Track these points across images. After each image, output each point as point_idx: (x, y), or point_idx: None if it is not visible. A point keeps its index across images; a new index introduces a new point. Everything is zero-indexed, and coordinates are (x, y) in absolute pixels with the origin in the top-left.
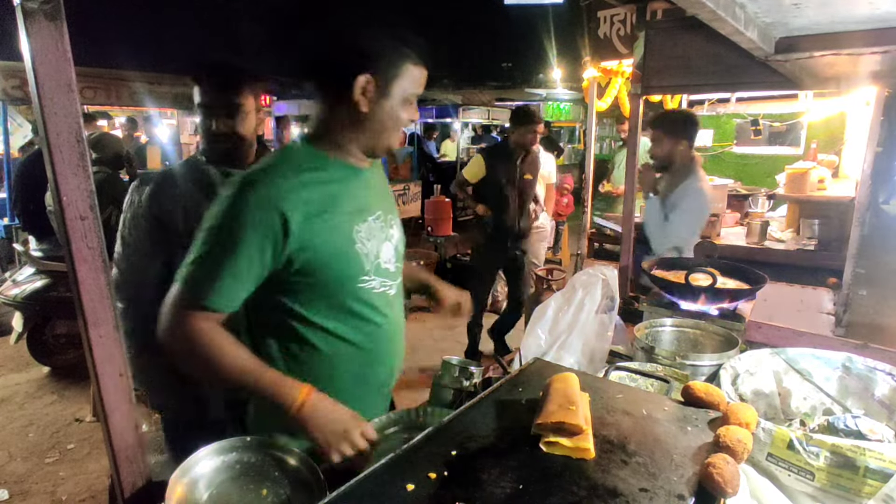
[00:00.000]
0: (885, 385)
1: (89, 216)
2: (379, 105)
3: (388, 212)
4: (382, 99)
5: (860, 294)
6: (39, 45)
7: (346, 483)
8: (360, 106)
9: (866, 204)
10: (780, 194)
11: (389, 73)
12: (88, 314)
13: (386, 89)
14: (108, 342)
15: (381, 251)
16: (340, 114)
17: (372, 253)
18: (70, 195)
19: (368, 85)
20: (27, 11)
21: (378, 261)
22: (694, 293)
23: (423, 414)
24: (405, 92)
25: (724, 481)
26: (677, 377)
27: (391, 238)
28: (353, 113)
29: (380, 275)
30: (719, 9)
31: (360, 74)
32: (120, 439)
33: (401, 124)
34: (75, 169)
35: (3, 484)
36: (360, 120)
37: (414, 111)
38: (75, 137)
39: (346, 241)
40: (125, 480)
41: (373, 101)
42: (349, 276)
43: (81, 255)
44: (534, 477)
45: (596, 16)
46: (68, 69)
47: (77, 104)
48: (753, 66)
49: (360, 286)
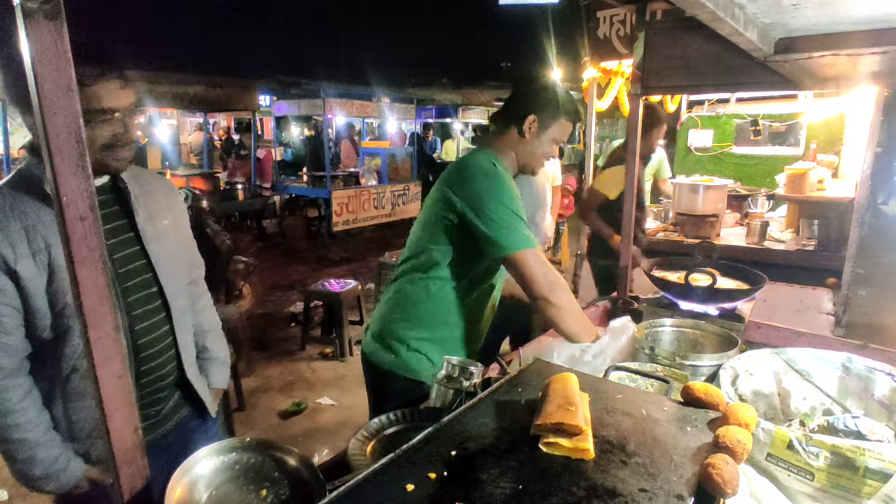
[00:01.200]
0: (884, 385)
1: (89, 217)
2: (537, 138)
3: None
4: (540, 135)
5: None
6: (39, 45)
7: (346, 483)
8: (527, 134)
9: (865, 204)
10: (779, 195)
11: (548, 118)
12: (88, 315)
13: (544, 129)
14: (108, 343)
15: None
16: (513, 137)
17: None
18: (70, 196)
19: (534, 122)
20: (27, 11)
21: None
22: (694, 293)
23: (423, 414)
24: (555, 136)
25: (724, 482)
26: (677, 377)
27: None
28: (521, 139)
29: None
30: (719, 9)
31: (531, 114)
32: (119, 440)
33: (546, 156)
34: (75, 169)
35: (3, 485)
36: (523, 145)
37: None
38: (75, 138)
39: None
40: (125, 481)
41: (533, 134)
42: None
43: (81, 256)
44: (533, 477)
45: (595, 16)
46: (68, 69)
47: (77, 104)
48: (753, 66)
49: None
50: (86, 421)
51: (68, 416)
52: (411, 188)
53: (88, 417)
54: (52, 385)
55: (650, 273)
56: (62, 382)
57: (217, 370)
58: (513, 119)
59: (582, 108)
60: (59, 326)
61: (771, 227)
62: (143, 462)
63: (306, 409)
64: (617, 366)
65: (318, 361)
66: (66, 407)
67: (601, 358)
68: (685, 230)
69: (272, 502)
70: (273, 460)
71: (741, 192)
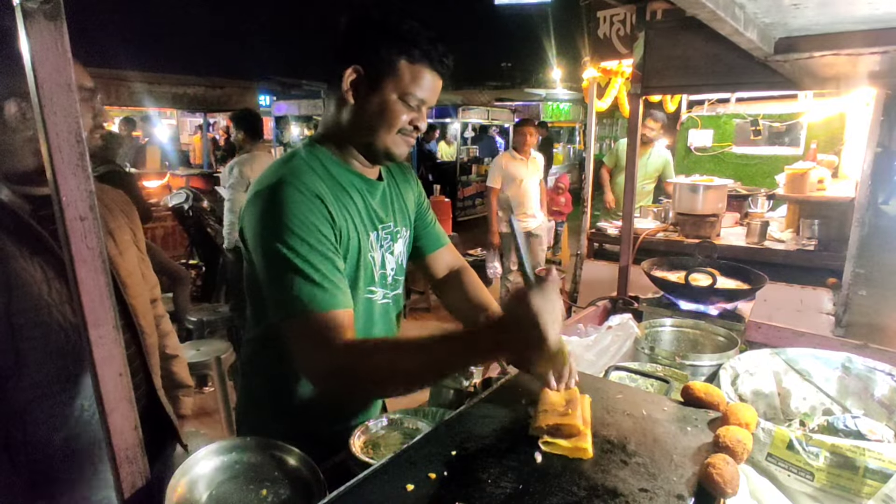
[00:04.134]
0: (884, 385)
1: (89, 216)
2: (368, 100)
3: (397, 224)
4: (372, 94)
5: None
6: (39, 45)
7: (346, 483)
8: (348, 98)
9: (866, 204)
10: (779, 194)
11: (380, 66)
12: (88, 314)
13: (377, 83)
14: (108, 342)
15: (385, 261)
16: (339, 111)
17: (378, 262)
18: (70, 195)
19: (358, 77)
20: (27, 11)
21: (383, 271)
22: (694, 293)
23: (423, 414)
24: (401, 91)
25: (724, 481)
26: (677, 377)
27: (394, 251)
28: (347, 109)
29: (384, 286)
30: (719, 9)
31: (348, 66)
32: (119, 439)
33: (396, 125)
34: (75, 169)
35: None
36: (353, 116)
37: (419, 117)
38: (75, 137)
39: (361, 245)
40: (124, 480)
41: (362, 96)
42: (359, 283)
43: (81, 255)
44: (534, 477)
45: (595, 16)
46: (68, 69)
47: (77, 104)
48: (753, 66)
49: (366, 296)
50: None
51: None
52: None
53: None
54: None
55: (650, 273)
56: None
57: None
58: (332, 85)
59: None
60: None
61: (771, 227)
62: (143, 461)
63: None
64: (617, 366)
65: None
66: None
67: (603, 357)
68: (685, 230)
69: (272, 502)
70: (273, 460)
71: (741, 192)
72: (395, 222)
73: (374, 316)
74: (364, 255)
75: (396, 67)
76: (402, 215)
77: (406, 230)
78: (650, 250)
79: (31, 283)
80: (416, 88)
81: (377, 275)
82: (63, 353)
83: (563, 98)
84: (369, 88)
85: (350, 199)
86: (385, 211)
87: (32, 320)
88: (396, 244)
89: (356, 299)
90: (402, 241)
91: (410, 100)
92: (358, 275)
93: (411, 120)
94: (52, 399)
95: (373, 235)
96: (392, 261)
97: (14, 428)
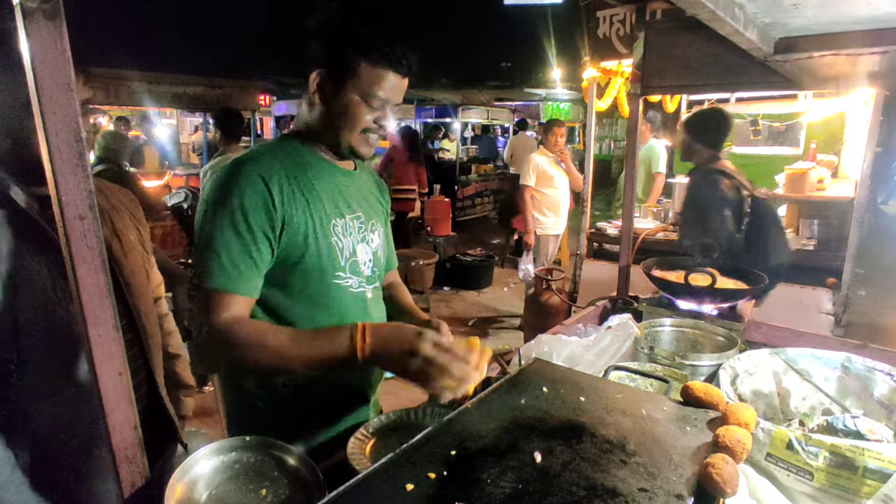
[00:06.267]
0: (884, 385)
1: (88, 216)
2: (333, 102)
3: (370, 217)
4: (336, 97)
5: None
6: (38, 45)
7: (346, 483)
8: (315, 99)
9: (865, 204)
10: (779, 194)
11: (341, 70)
12: (88, 314)
13: (340, 86)
14: (108, 341)
15: (357, 250)
16: (309, 109)
17: (347, 249)
18: (69, 195)
19: (323, 81)
20: (26, 11)
21: (354, 258)
22: (694, 293)
23: (422, 414)
24: (363, 92)
25: (724, 481)
26: (676, 377)
27: (370, 241)
28: (316, 108)
29: (356, 273)
30: (718, 9)
31: (314, 69)
32: (119, 439)
33: (359, 125)
34: (74, 168)
35: None
36: (321, 116)
37: (382, 116)
38: (74, 137)
39: (323, 230)
40: (124, 480)
41: (327, 98)
42: (324, 268)
43: (81, 254)
44: (533, 477)
45: (595, 16)
46: (68, 69)
47: (76, 104)
48: (753, 66)
49: (335, 282)
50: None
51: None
52: None
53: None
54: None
55: (650, 273)
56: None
57: (185, 399)
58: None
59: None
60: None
61: None
62: (143, 460)
63: None
64: (617, 365)
65: None
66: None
67: (602, 357)
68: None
69: (272, 502)
70: (273, 460)
71: None
72: (368, 215)
73: (347, 303)
74: (325, 239)
75: (357, 70)
76: (377, 212)
77: (381, 227)
78: (650, 250)
79: (37, 279)
80: (377, 89)
81: (344, 261)
82: (67, 350)
83: (563, 98)
84: (334, 90)
85: (312, 185)
86: (357, 201)
87: (37, 317)
88: (373, 235)
89: (324, 284)
90: (379, 236)
91: (373, 100)
92: (321, 260)
93: (375, 119)
94: (56, 396)
95: (339, 221)
96: (367, 251)
97: (16, 424)
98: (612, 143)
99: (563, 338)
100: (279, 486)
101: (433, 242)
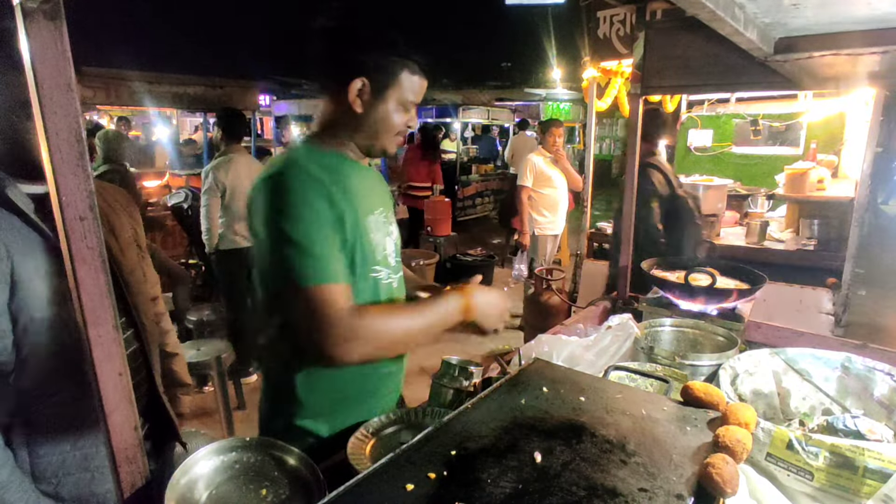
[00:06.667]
0: (884, 385)
1: (88, 216)
2: (374, 108)
3: (387, 209)
4: (377, 102)
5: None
6: (39, 45)
7: (346, 483)
8: (354, 107)
9: (865, 204)
10: (779, 194)
11: (384, 79)
12: (88, 314)
13: (380, 94)
14: (108, 342)
15: (385, 244)
16: (340, 113)
17: (380, 245)
18: (69, 195)
19: (364, 88)
20: (26, 11)
21: (385, 252)
22: (693, 293)
23: (422, 414)
24: (401, 98)
25: (724, 481)
26: (676, 377)
27: (391, 234)
28: (350, 114)
29: (386, 266)
30: (719, 9)
31: (355, 78)
32: (119, 439)
33: (395, 129)
34: (74, 169)
35: None
36: (357, 121)
37: (412, 118)
38: (75, 137)
39: (364, 227)
40: (124, 480)
41: (368, 104)
42: (367, 263)
43: (81, 255)
44: (533, 477)
45: (596, 16)
46: (68, 69)
47: (77, 104)
48: (753, 66)
49: (373, 275)
50: (52, 456)
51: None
52: None
53: (55, 452)
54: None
55: (650, 273)
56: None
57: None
58: (333, 90)
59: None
60: (21, 347)
61: (771, 227)
62: (143, 461)
63: None
64: (617, 365)
65: None
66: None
67: (602, 357)
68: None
69: (272, 502)
70: (273, 460)
71: (741, 192)
72: (387, 207)
73: (381, 296)
74: (366, 235)
75: (399, 79)
76: (390, 203)
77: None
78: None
79: (34, 279)
80: (412, 95)
81: (380, 255)
82: (64, 350)
83: (563, 98)
84: (373, 98)
85: (349, 184)
86: (378, 196)
87: (34, 316)
88: (392, 227)
89: (364, 279)
90: (395, 226)
91: (408, 105)
92: (365, 255)
93: (406, 121)
94: (56, 396)
95: (371, 218)
96: (391, 243)
97: (16, 424)
98: (612, 143)
99: (563, 338)
100: (279, 486)
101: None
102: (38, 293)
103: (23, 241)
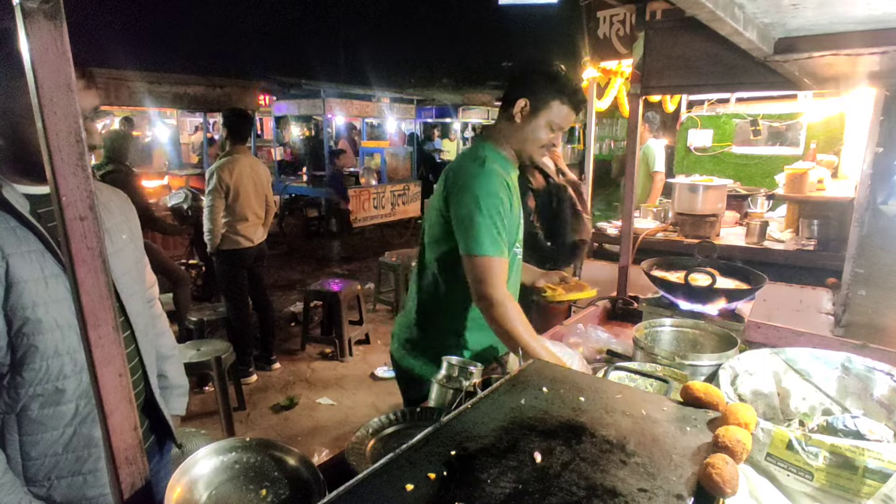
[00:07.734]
0: (884, 385)
1: (89, 217)
2: (528, 122)
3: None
4: (532, 118)
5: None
6: (39, 45)
7: (346, 483)
8: (516, 119)
9: (865, 204)
10: (779, 194)
11: (539, 103)
12: (88, 315)
13: (535, 113)
14: (108, 343)
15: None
16: (506, 122)
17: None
18: (69, 195)
19: (525, 106)
20: (26, 11)
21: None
22: (693, 293)
23: (422, 414)
24: (549, 119)
25: (723, 481)
26: (676, 377)
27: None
28: (513, 124)
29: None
30: (718, 9)
31: (520, 98)
32: (119, 440)
33: (541, 142)
34: (75, 169)
35: None
36: (516, 130)
37: (556, 137)
38: (75, 137)
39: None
40: (124, 481)
41: (525, 119)
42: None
43: (81, 255)
44: (533, 477)
45: (595, 16)
46: (68, 69)
47: (77, 104)
48: (753, 66)
49: (515, 251)
50: (45, 458)
51: (25, 452)
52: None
53: (49, 454)
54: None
55: (650, 273)
56: (18, 413)
57: (177, 399)
58: (506, 104)
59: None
60: (16, 347)
61: (771, 227)
62: (143, 461)
63: (298, 403)
64: (617, 365)
65: (318, 361)
66: (22, 441)
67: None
68: (685, 230)
69: (272, 502)
70: (273, 460)
71: (741, 192)
72: (518, 198)
73: (516, 268)
74: (520, 219)
75: (550, 105)
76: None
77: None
78: (650, 250)
79: (29, 279)
80: (559, 120)
81: (519, 236)
82: (58, 351)
83: None
84: (530, 115)
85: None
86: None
87: (28, 317)
88: (522, 213)
89: (514, 255)
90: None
91: (554, 127)
92: (512, 236)
93: (550, 139)
94: (48, 397)
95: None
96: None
97: (9, 425)
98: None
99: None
100: (279, 487)
101: None
102: (31, 294)
103: (18, 241)
